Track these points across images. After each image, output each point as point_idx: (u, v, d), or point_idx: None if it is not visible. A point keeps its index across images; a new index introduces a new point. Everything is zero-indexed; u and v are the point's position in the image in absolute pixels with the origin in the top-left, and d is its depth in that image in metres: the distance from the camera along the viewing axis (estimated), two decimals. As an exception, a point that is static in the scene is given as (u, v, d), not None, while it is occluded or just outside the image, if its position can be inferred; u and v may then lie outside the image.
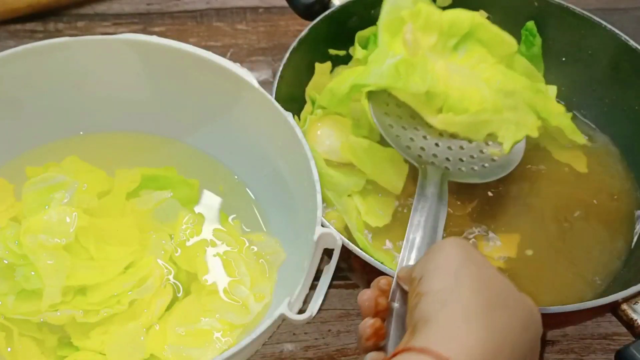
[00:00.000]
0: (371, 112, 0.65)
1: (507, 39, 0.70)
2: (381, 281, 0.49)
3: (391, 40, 0.67)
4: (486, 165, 0.65)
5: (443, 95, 0.65)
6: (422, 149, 0.64)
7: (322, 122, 0.68)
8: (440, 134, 0.66)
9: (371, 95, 0.65)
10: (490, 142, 0.67)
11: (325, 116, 0.68)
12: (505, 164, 0.66)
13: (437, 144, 0.65)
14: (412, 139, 0.65)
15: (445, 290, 0.42)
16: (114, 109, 0.67)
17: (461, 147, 0.66)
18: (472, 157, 0.65)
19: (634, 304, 0.56)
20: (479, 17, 0.70)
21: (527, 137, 0.68)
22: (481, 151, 0.66)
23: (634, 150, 0.72)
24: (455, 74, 0.67)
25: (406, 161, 0.65)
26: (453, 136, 0.66)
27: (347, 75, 0.68)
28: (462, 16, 0.69)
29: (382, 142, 0.66)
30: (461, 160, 0.65)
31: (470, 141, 0.66)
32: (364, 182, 0.65)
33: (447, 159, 0.64)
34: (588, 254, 0.66)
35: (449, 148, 0.65)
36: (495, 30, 0.70)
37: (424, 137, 0.66)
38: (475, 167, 0.65)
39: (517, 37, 0.73)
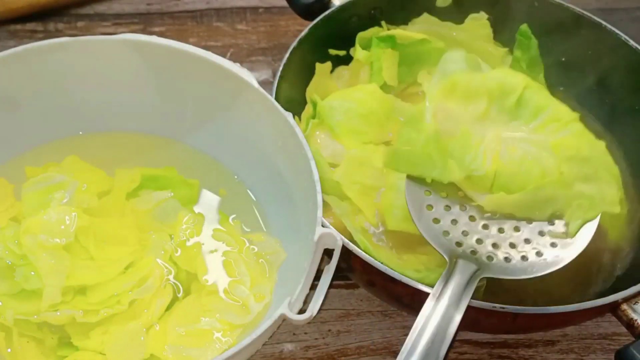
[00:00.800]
0: (406, 193, 0.59)
1: (563, 111, 0.59)
2: None
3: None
4: (543, 252, 0.56)
5: (491, 174, 0.56)
6: (465, 233, 0.57)
7: (323, 127, 0.67)
8: (492, 214, 0.58)
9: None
10: (555, 221, 0.57)
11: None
12: (565, 252, 0.56)
13: (485, 226, 0.57)
14: (454, 222, 0.57)
15: None
16: (114, 109, 0.67)
17: (516, 229, 0.57)
18: (527, 241, 0.57)
19: (634, 304, 0.56)
20: (529, 80, 0.62)
21: None
22: (540, 233, 0.57)
23: (635, 150, 0.72)
24: (509, 145, 0.57)
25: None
26: (508, 216, 0.58)
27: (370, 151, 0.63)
28: (511, 79, 0.61)
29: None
30: (512, 246, 0.56)
31: (529, 221, 0.57)
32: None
33: (495, 245, 0.56)
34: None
35: (500, 230, 0.57)
36: (546, 97, 0.61)
37: (471, 218, 0.58)
38: (528, 256, 0.56)
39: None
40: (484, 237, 0.57)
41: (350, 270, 0.60)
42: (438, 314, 0.51)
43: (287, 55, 0.67)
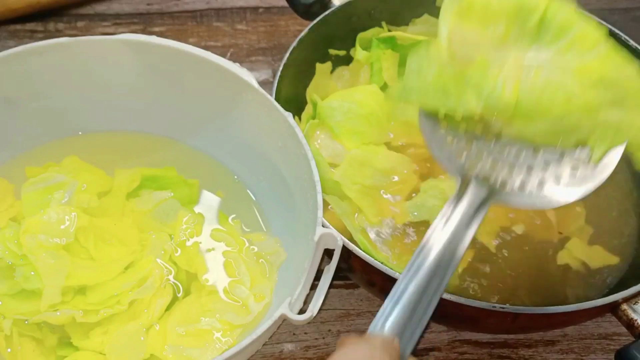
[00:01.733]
0: (419, 118, 0.55)
1: (589, 30, 0.53)
2: None
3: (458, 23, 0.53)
4: (561, 180, 0.52)
5: (512, 103, 0.52)
6: (480, 156, 0.53)
7: (323, 128, 0.67)
8: (511, 140, 0.54)
9: None
10: (579, 148, 0.53)
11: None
12: (586, 179, 0.52)
13: (502, 150, 0.53)
14: (469, 144, 0.54)
15: None
16: (114, 109, 0.67)
17: (535, 151, 0.53)
18: (545, 165, 0.52)
19: (634, 304, 0.56)
20: None
21: None
22: (561, 156, 0.53)
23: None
24: (531, 71, 0.52)
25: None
26: (528, 144, 0.54)
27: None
28: None
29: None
30: (529, 170, 0.52)
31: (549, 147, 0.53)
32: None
33: (510, 169, 0.52)
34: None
35: (518, 154, 0.53)
36: (572, 12, 0.54)
37: (487, 141, 0.54)
38: (546, 184, 0.52)
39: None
40: (500, 160, 0.53)
41: (350, 270, 0.60)
42: (446, 233, 0.47)
43: (287, 55, 0.67)
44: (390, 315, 0.44)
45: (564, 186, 0.52)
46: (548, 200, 0.52)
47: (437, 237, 0.47)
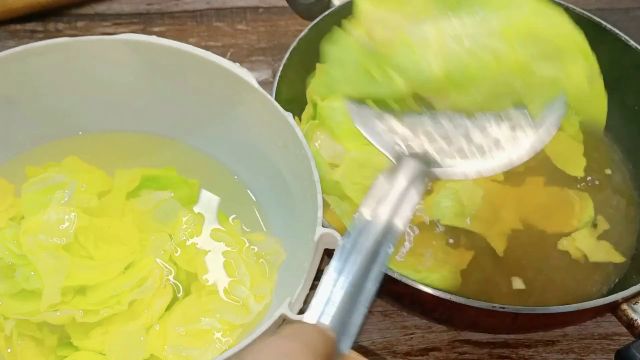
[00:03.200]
0: (346, 105, 0.52)
1: None
2: None
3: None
4: (500, 144, 0.48)
5: (441, 76, 0.49)
6: (414, 132, 0.50)
7: (324, 128, 0.67)
8: (446, 112, 0.51)
9: None
10: (519, 107, 0.49)
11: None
12: (527, 142, 0.48)
13: (437, 124, 0.50)
14: (401, 122, 0.50)
15: None
16: (114, 109, 0.67)
17: (471, 119, 0.50)
18: (484, 131, 0.49)
19: (634, 304, 0.56)
20: None
21: None
22: (499, 121, 0.49)
23: (636, 150, 0.72)
24: (456, 40, 0.49)
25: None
26: (465, 114, 0.50)
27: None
28: None
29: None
30: (468, 140, 0.49)
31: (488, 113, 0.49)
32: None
33: (447, 141, 0.49)
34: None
35: (454, 126, 0.49)
36: None
37: (421, 117, 0.50)
38: (486, 150, 0.48)
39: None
40: (436, 134, 0.49)
41: (350, 270, 0.60)
42: (385, 210, 0.43)
43: (287, 55, 0.67)
44: (325, 308, 0.40)
45: (506, 149, 0.48)
46: (490, 166, 0.48)
47: (374, 215, 0.43)
